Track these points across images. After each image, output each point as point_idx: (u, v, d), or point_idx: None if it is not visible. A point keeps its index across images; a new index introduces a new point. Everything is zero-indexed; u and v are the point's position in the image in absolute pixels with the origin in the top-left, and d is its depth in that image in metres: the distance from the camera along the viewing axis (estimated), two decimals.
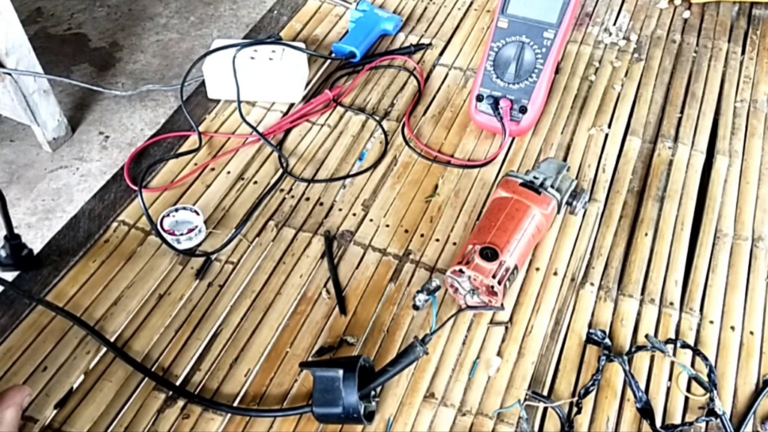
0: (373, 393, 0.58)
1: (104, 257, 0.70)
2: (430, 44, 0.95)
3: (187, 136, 0.82)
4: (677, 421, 0.59)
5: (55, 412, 0.59)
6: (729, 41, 0.96)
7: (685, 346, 0.64)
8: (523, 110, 0.78)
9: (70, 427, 0.58)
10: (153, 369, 0.61)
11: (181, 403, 0.60)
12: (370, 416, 0.57)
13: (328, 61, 0.92)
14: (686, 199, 0.76)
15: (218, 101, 0.86)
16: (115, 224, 0.73)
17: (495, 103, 0.78)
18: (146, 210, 0.71)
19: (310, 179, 0.78)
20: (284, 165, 0.79)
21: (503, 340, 0.64)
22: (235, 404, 0.60)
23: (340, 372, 0.55)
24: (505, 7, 0.78)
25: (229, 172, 0.78)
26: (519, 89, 0.78)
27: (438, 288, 0.65)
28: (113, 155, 1.83)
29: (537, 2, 0.77)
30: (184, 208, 0.71)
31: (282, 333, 0.64)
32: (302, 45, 0.88)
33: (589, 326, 0.65)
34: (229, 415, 0.59)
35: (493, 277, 0.61)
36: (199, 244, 0.71)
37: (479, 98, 0.80)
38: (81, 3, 2.27)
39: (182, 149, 0.81)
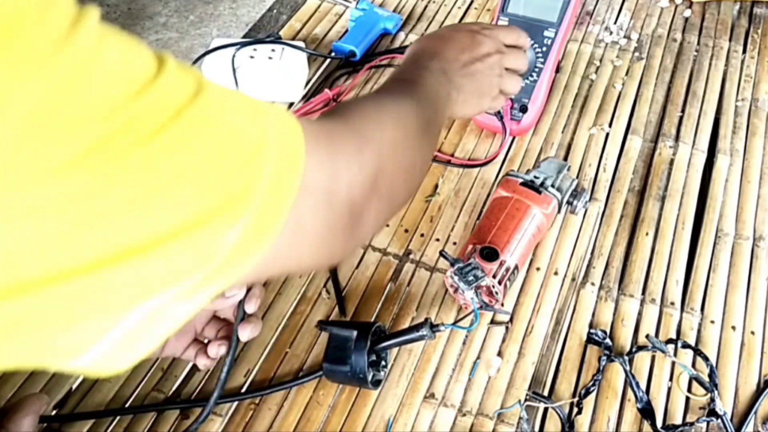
0: (383, 363, 0.60)
1: None
2: None
3: None
4: (678, 421, 0.59)
5: (55, 412, 0.59)
6: (730, 40, 0.95)
7: (686, 346, 0.64)
8: (524, 109, 0.78)
9: (69, 427, 0.58)
10: (152, 369, 0.61)
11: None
12: (376, 383, 0.59)
13: (328, 60, 0.92)
14: (687, 199, 0.76)
15: None
16: None
17: None
18: None
19: None
20: None
21: (503, 340, 0.64)
22: (234, 406, 0.60)
23: (354, 333, 0.57)
24: (506, 6, 0.78)
25: None
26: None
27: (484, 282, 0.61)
28: None
29: (537, 1, 0.76)
30: None
31: (282, 333, 0.64)
32: (302, 44, 0.88)
33: (590, 326, 0.65)
34: (229, 415, 0.59)
35: (494, 276, 0.61)
36: None
37: None
38: (80, 3, 2.27)
39: None
